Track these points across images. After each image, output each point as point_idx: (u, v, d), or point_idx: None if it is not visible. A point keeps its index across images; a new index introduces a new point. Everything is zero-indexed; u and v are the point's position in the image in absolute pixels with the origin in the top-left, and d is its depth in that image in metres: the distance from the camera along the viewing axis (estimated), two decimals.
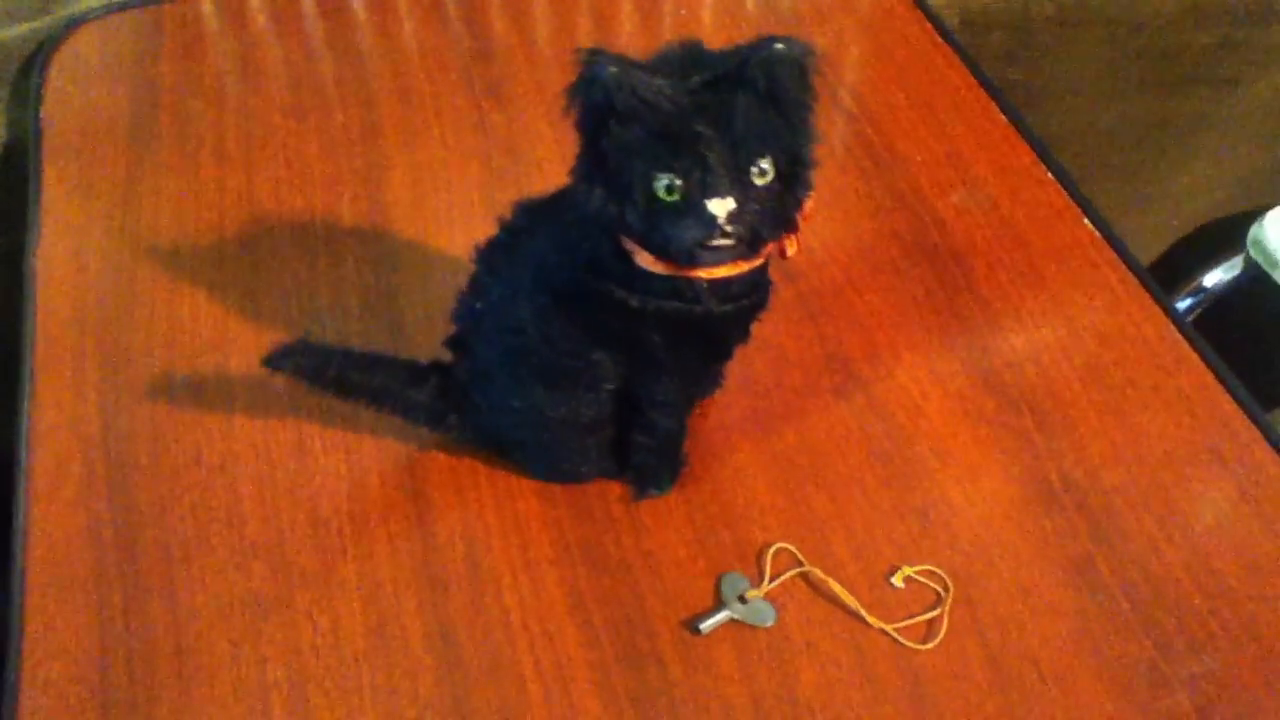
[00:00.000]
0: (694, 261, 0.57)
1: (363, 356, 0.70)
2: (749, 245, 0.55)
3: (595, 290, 0.60)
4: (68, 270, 0.86)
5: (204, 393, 0.79)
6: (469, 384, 0.69)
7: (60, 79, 1.01)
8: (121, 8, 1.06)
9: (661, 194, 0.53)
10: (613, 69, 0.51)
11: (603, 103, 0.52)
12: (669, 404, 0.69)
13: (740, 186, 0.53)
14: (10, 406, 0.79)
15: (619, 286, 0.59)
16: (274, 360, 0.67)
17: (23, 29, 1.05)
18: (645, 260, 0.58)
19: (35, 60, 1.03)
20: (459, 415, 0.71)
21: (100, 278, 0.85)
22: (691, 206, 0.53)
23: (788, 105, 0.54)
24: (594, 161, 0.55)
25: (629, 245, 0.58)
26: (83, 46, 1.04)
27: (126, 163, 0.94)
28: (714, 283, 0.59)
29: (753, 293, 0.62)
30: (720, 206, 0.53)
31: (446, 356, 0.71)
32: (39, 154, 0.95)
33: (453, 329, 0.70)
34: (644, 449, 0.71)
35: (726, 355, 0.68)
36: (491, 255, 0.67)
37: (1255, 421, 0.78)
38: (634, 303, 0.60)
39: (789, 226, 0.57)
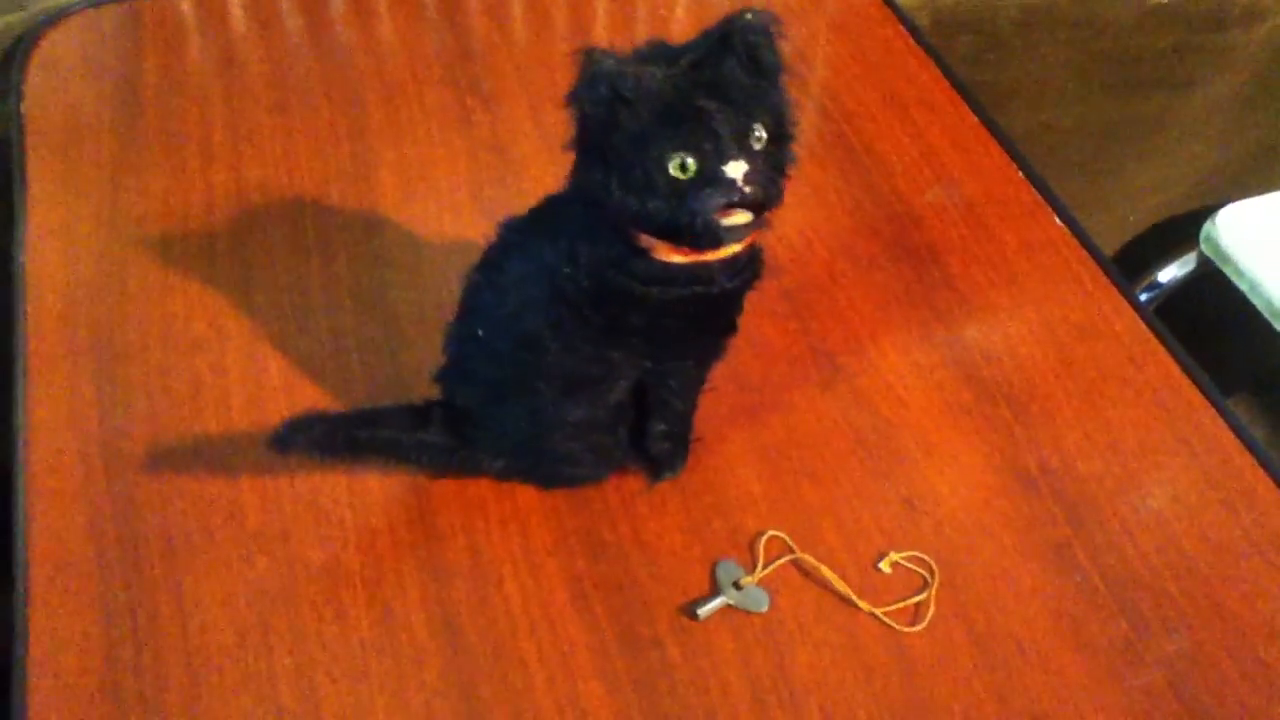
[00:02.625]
0: (718, 243, 0.58)
1: (364, 413, 0.71)
2: (759, 213, 0.58)
3: (614, 291, 0.61)
4: (57, 267, 0.86)
5: (200, 389, 0.79)
6: (477, 412, 0.70)
7: (41, 74, 1.01)
8: (98, 3, 1.06)
9: (676, 172, 0.55)
10: (612, 61, 0.54)
11: (609, 95, 0.54)
12: (686, 386, 0.71)
13: (746, 151, 0.56)
14: (5, 403, 0.79)
15: (639, 283, 0.61)
16: (283, 439, 0.67)
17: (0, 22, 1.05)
18: (664, 252, 0.60)
19: (14, 54, 1.02)
20: (470, 448, 0.71)
21: (91, 275, 0.86)
22: (709, 176, 0.55)
23: (769, 69, 0.57)
24: (604, 160, 0.56)
25: (646, 241, 0.60)
26: (62, 41, 1.04)
27: (112, 159, 0.94)
28: (724, 261, 0.61)
29: (752, 263, 0.64)
30: (736, 169, 0.55)
31: (440, 388, 0.72)
32: (22, 150, 0.95)
33: (444, 360, 0.71)
34: (660, 435, 0.73)
35: (735, 328, 0.70)
36: (487, 277, 0.67)
37: (1220, 411, 0.82)
38: (656, 296, 0.61)
39: (781, 193, 0.59)
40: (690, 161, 0.55)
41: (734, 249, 0.61)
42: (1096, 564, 0.74)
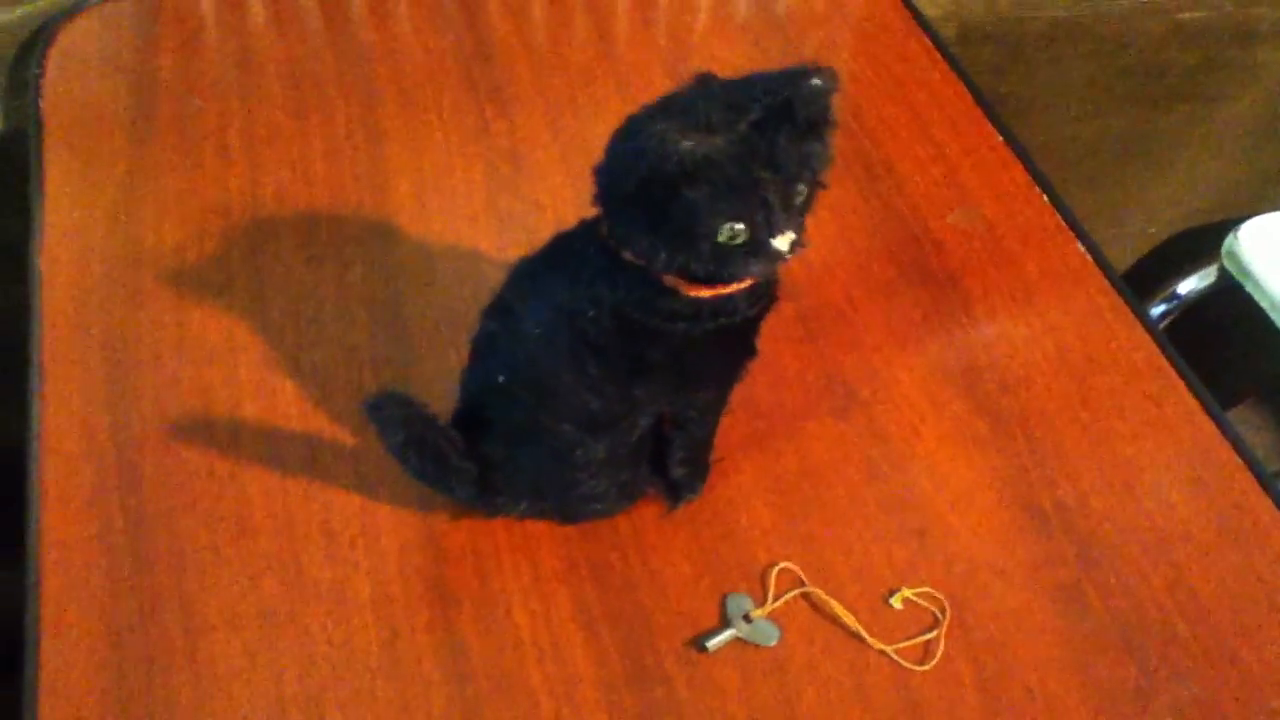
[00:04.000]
0: (742, 278, 0.59)
1: (434, 419, 0.68)
2: None
3: (640, 331, 0.61)
4: (72, 269, 0.86)
5: (213, 401, 0.79)
6: (500, 457, 0.69)
7: (59, 70, 1.00)
8: None
9: (725, 239, 0.55)
10: (686, 143, 0.53)
11: (678, 173, 0.53)
12: (706, 414, 0.71)
13: (791, 216, 0.56)
14: (19, 404, 0.79)
15: (665, 321, 0.61)
16: (378, 405, 0.65)
17: (16, 14, 1.04)
18: (688, 289, 0.60)
19: (33, 49, 1.02)
20: (506, 496, 0.71)
21: (105, 278, 0.86)
22: (758, 246, 0.55)
23: (824, 135, 0.56)
24: (650, 224, 0.55)
25: (670, 281, 0.59)
26: (80, 35, 1.03)
27: (128, 159, 0.94)
28: (746, 290, 0.62)
29: (770, 287, 0.64)
30: (784, 241, 0.56)
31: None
32: (40, 147, 0.94)
33: (459, 406, 0.70)
34: (681, 461, 0.73)
35: (755, 351, 0.69)
36: (503, 323, 0.66)
37: (1238, 451, 0.81)
38: (682, 331, 0.61)
39: (807, 236, 0.59)
40: (740, 228, 0.55)
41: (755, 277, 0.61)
42: (1107, 605, 0.74)
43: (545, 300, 0.63)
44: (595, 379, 0.64)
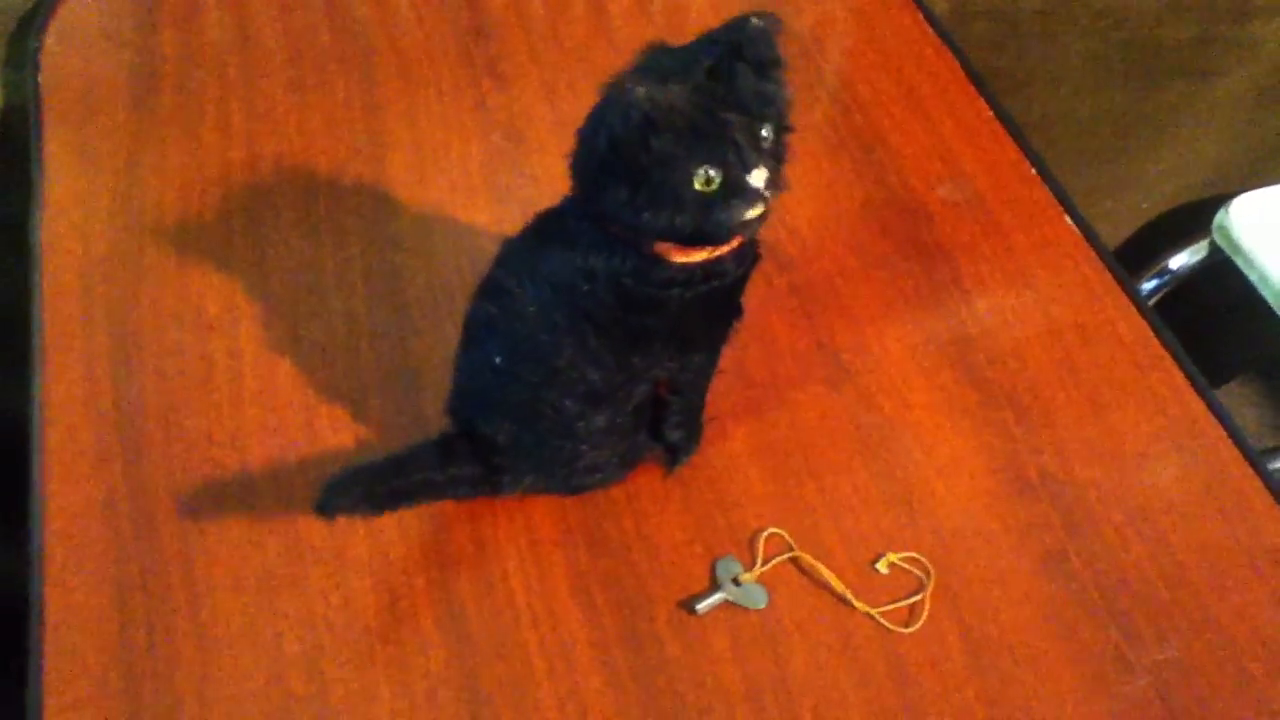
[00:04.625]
0: (731, 237, 0.60)
1: (394, 461, 0.70)
2: (767, 203, 0.59)
3: (636, 300, 0.62)
4: (73, 244, 0.87)
5: (213, 370, 0.81)
6: (502, 437, 0.69)
7: (58, 44, 1.01)
8: None
9: (702, 186, 0.56)
10: (643, 89, 0.54)
11: (642, 122, 0.55)
12: (701, 376, 0.73)
13: (762, 155, 0.58)
14: (20, 376, 0.80)
15: (659, 289, 0.62)
16: (327, 505, 0.66)
17: None
18: (679, 255, 0.61)
19: (32, 22, 1.03)
20: (498, 473, 0.71)
21: (106, 252, 0.87)
22: (734, 187, 0.57)
23: (774, 72, 0.58)
24: (629, 182, 0.57)
25: (660, 248, 0.61)
26: (80, 11, 1.04)
27: (128, 133, 0.95)
28: (733, 252, 0.63)
29: (754, 246, 0.66)
30: (758, 177, 0.57)
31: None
32: (39, 123, 0.95)
33: (454, 390, 0.71)
34: (677, 425, 0.74)
35: (742, 311, 0.70)
36: (498, 304, 0.66)
37: (1222, 421, 0.82)
38: (676, 297, 0.62)
39: (785, 181, 0.61)
40: (714, 174, 0.56)
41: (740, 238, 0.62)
42: (1090, 570, 0.75)
43: (540, 278, 0.64)
44: (594, 351, 0.65)
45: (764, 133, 0.58)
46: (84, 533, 0.73)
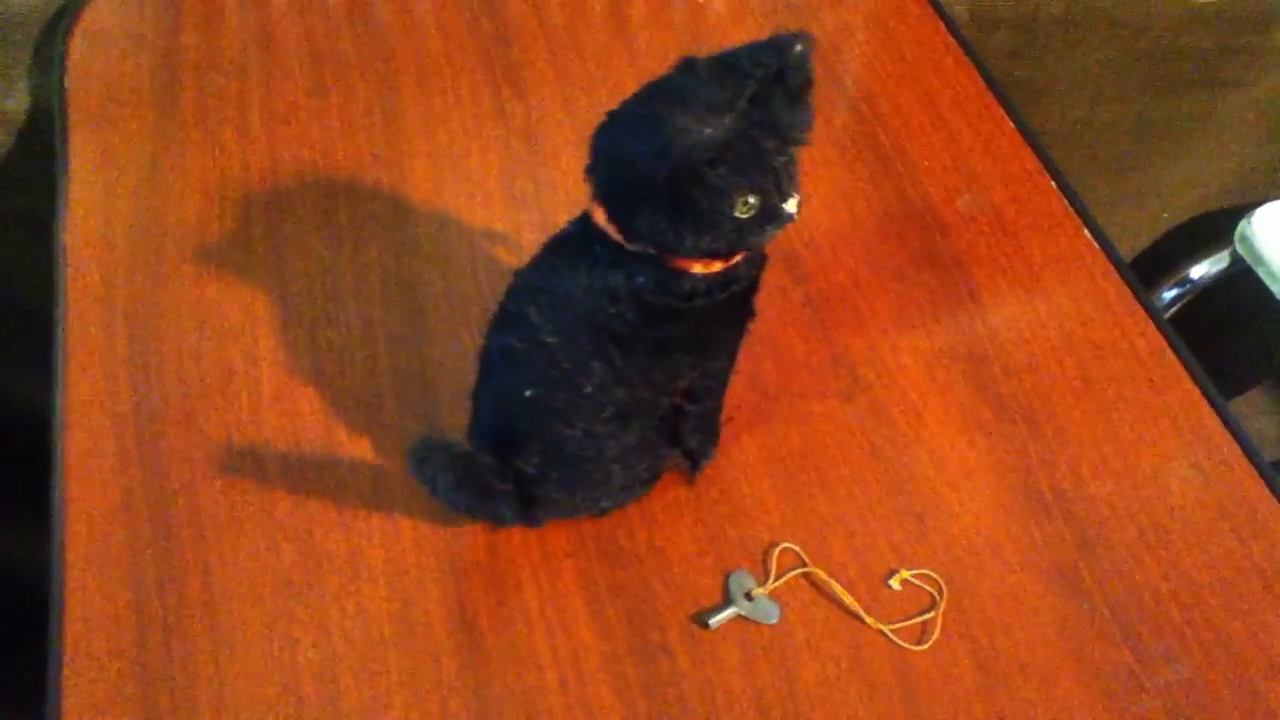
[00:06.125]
0: (758, 246, 0.62)
1: (477, 456, 0.68)
2: None
3: (662, 313, 0.63)
4: (97, 246, 0.88)
5: (232, 375, 0.81)
6: (539, 473, 0.69)
7: (83, 48, 1.02)
8: None
9: (741, 212, 0.58)
10: (707, 130, 0.55)
11: (705, 162, 0.56)
12: (719, 381, 0.73)
13: (793, 180, 0.59)
14: (47, 375, 0.81)
15: (683, 300, 0.63)
16: (424, 475, 0.66)
17: None
18: (701, 267, 0.62)
19: (58, 26, 1.03)
20: (543, 507, 0.71)
21: (128, 255, 0.88)
22: (770, 213, 0.58)
23: (808, 95, 0.59)
24: (672, 211, 0.57)
25: (682, 263, 0.61)
26: (104, 15, 1.05)
27: (151, 135, 0.96)
28: (746, 257, 0.64)
29: (761, 248, 0.66)
30: (794, 204, 0.59)
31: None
32: (65, 125, 0.96)
33: (479, 427, 0.71)
34: (695, 430, 0.75)
35: (754, 312, 0.70)
36: (523, 335, 0.66)
37: (1238, 440, 0.82)
38: (699, 306, 0.63)
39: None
40: (753, 200, 0.57)
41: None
42: (1102, 589, 0.75)
43: (557, 304, 0.64)
44: (621, 369, 0.65)
45: (794, 151, 0.59)
46: (103, 536, 0.74)
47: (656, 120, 0.56)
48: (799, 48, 0.57)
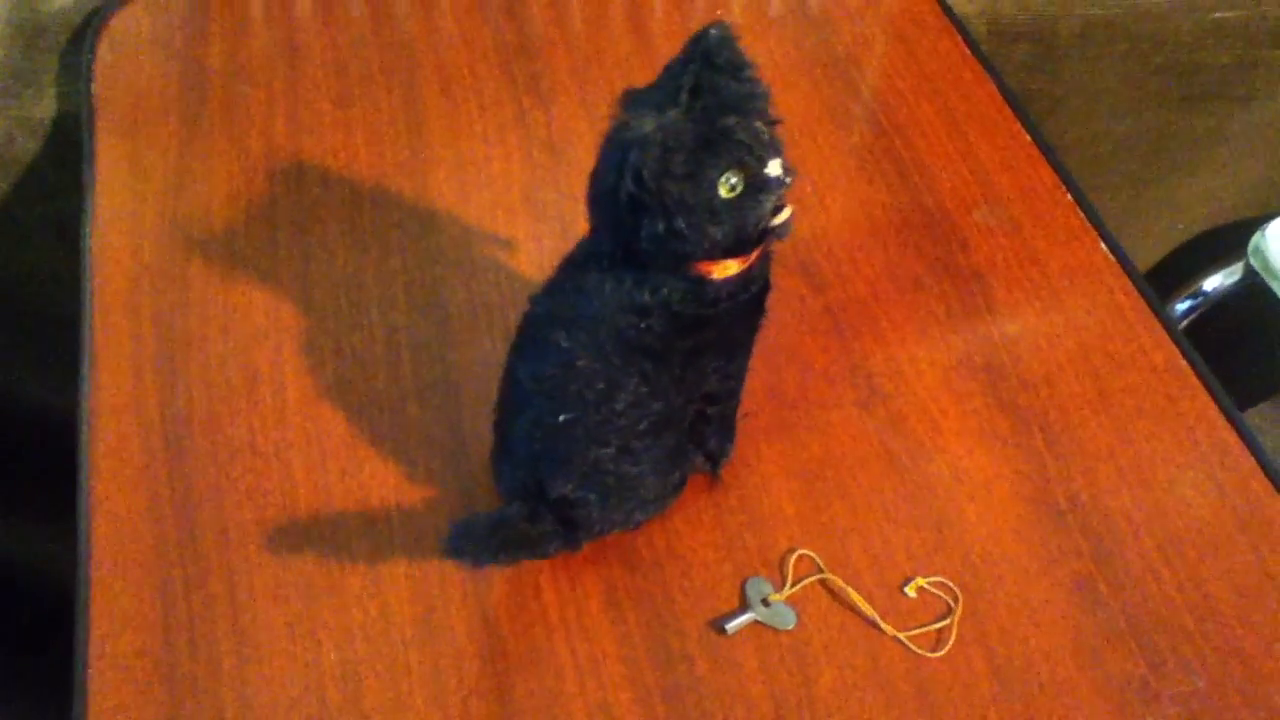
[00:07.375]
0: (765, 239, 0.63)
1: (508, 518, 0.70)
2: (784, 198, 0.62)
3: (690, 321, 0.64)
4: (123, 254, 0.89)
5: (257, 380, 0.82)
6: (579, 496, 0.69)
7: (110, 55, 1.03)
8: None
9: (728, 192, 0.59)
10: (648, 122, 0.57)
11: (660, 150, 0.57)
12: (737, 380, 0.74)
13: (768, 146, 0.60)
14: (72, 376, 0.83)
15: (709, 306, 0.64)
16: (461, 551, 0.67)
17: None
18: (720, 271, 0.63)
19: (85, 33, 1.05)
20: (585, 529, 0.71)
21: (155, 261, 0.89)
22: (757, 183, 0.59)
23: (746, 73, 0.60)
24: (661, 212, 0.58)
25: (702, 269, 0.62)
26: (132, 23, 1.06)
27: (178, 144, 0.97)
28: (758, 258, 0.65)
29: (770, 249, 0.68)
30: (776, 165, 0.60)
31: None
32: (92, 132, 0.98)
33: (512, 459, 0.71)
34: (714, 433, 0.75)
35: (765, 309, 0.71)
36: (548, 360, 0.66)
37: (1254, 452, 0.83)
38: (725, 309, 0.64)
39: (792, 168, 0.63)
40: (736, 178, 0.59)
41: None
42: (1118, 599, 0.76)
43: (583, 326, 0.64)
44: (656, 382, 0.65)
45: (760, 126, 0.60)
46: (130, 538, 0.75)
47: (610, 144, 0.59)
48: (714, 31, 0.59)
